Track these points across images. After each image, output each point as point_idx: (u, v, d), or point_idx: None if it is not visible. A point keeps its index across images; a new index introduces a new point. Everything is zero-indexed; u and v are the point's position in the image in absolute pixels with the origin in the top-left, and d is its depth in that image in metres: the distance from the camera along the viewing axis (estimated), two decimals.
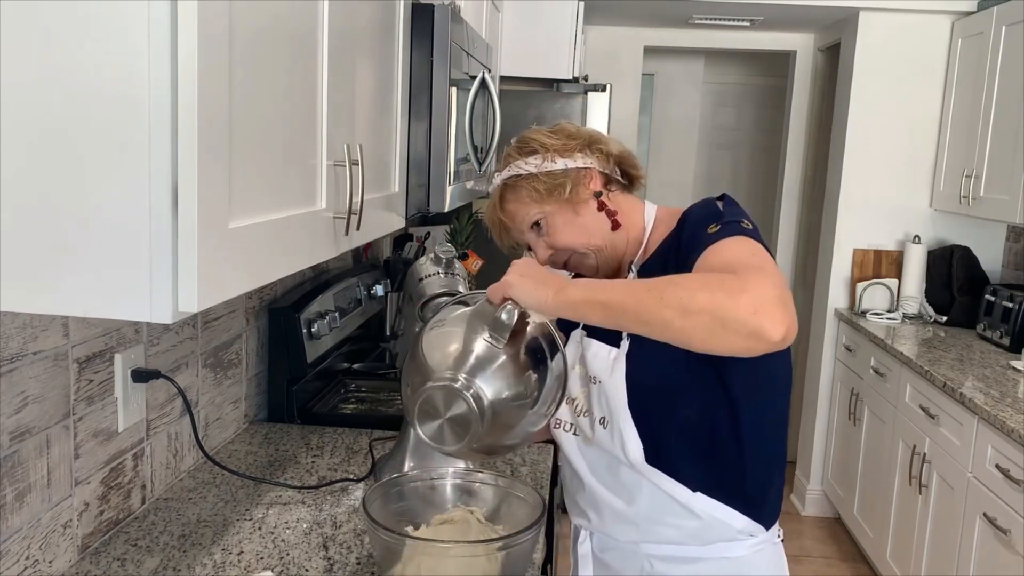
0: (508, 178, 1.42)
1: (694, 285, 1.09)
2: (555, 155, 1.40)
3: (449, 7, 1.75)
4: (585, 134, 1.43)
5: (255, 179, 1.00)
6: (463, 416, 1.18)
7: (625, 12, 4.26)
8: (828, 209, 4.24)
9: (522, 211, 1.42)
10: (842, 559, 3.83)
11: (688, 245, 1.28)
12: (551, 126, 1.47)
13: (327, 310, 2.21)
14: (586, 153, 1.41)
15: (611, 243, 1.42)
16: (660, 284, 1.12)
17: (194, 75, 0.83)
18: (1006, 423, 2.45)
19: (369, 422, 2.09)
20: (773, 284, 1.07)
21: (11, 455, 1.22)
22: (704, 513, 1.34)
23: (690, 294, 1.07)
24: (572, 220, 1.40)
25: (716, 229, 1.25)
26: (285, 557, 1.42)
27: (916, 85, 3.95)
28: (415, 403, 1.20)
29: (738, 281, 1.07)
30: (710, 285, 1.08)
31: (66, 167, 0.85)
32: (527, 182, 1.40)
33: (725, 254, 1.19)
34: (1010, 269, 3.87)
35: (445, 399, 1.18)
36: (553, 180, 1.38)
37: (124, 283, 0.86)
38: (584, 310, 1.18)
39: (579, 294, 1.18)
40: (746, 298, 1.04)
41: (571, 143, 1.41)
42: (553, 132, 1.44)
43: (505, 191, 1.43)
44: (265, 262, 1.04)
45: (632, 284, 1.18)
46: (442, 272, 1.65)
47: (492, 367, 1.21)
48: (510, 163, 1.43)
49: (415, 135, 1.74)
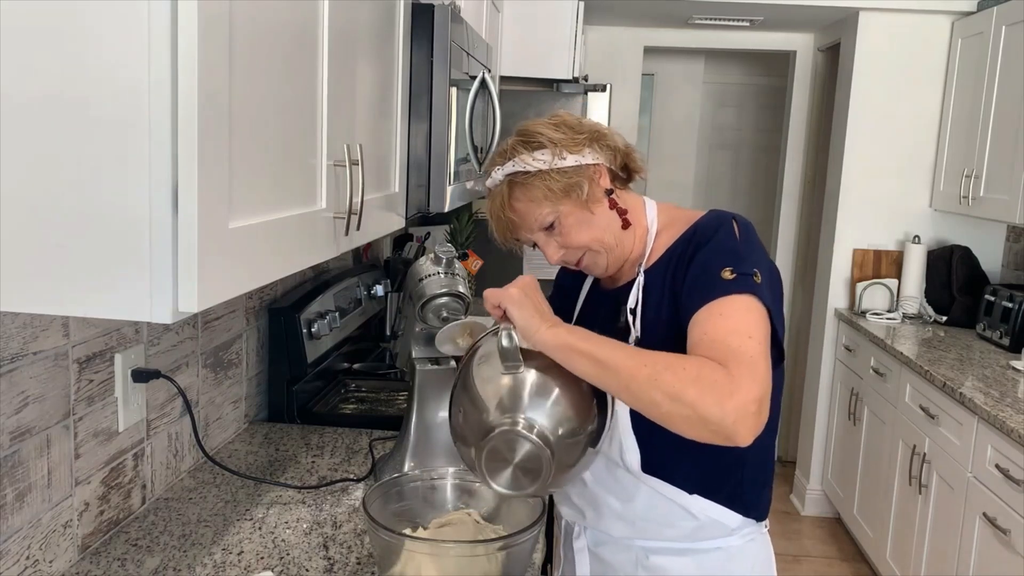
0: (515, 174, 1.36)
1: (688, 376, 1.12)
2: (563, 150, 1.34)
3: (449, 7, 1.75)
4: (588, 127, 1.39)
5: (255, 179, 1.00)
6: (531, 455, 1.16)
7: (625, 12, 4.26)
8: (828, 209, 4.24)
9: (535, 211, 1.36)
10: (842, 559, 3.83)
11: (699, 278, 1.26)
12: (550, 117, 1.41)
13: (327, 310, 2.21)
14: (594, 148, 1.37)
15: (621, 241, 1.39)
16: (658, 364, 1.14)
17: (194, 75, 0.83)
18: (1006, 423, 2.45)
19: (369, 422, 2.09)
20: (759, 384, 1.13)
21: (11, 455, 1.22)
22: (701, 514, 1.36)
23: (683, 386, 1.11)
24: (587, 219, 1.36)
25: (731, 277, 1.23)
26: (285, 557, 1.42)
27: (916, 85, 3.95)
28: (480, 461, 1.18)
29: (729, 384, 1.11)
30: (703, 382, 1.11)
31: (66, 167, 0.85)
32: (540, 180, 1.34)
33: (729, 325, 1.19)
34: (1010, 269, 3.87)
35: (508, 446, 1.16)
36: (567, 179, 1.33)
37: (124, 283, 0.86)
38: (572, 356, 1.18)
39: (573, 339, 1.18)
40: (731, 405, 1.10)
41: (578, 137, 1.36)
42: (556, 125, 1.38)
43: (513, 188, 1.37)
44: (265, 262, 1.04)
45: (629, 351, 1.18)
46: (442, 272, 1.65)
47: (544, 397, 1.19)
48: (514, 157, 1.36)
49: (415, 135, 1.74)
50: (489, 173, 1.40)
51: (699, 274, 1.27)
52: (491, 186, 1.40)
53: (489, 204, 1.41)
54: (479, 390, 1.22)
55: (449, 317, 1.60)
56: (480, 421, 1.19)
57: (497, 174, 1.38)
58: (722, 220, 1.34)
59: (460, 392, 1.25)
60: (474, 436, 1.20)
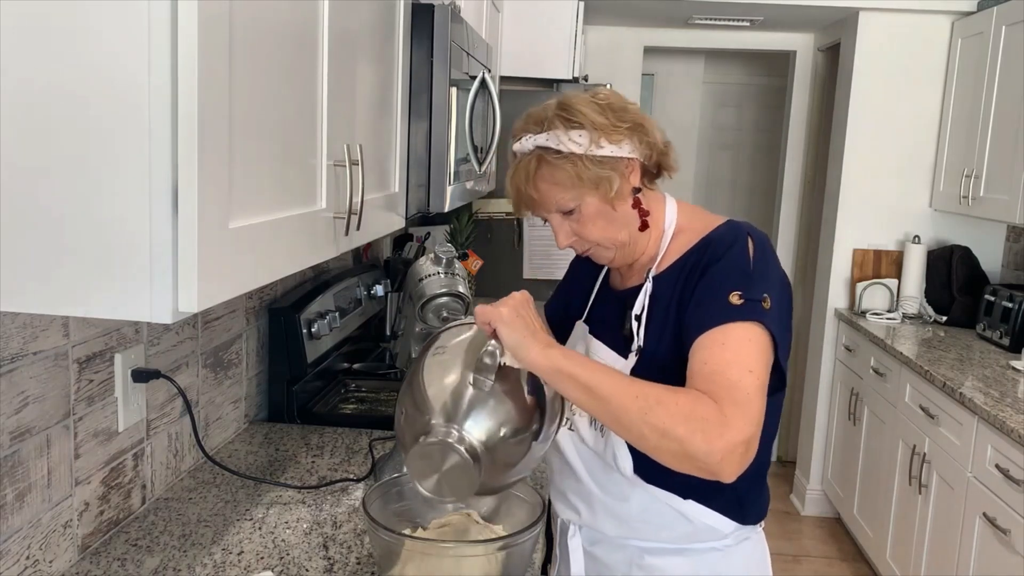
0: (547, 150, 1.28)
1: (680, 413, 1.12)
2: (602, 137, 1.27)
3: (449, 7, 1.75)
4: (632, 115, 1.31)
5: (255, 179, 1.00)
6: (458, 468, 1.15)
7: (625, 12, 4.26)
8: (828, 209, 4.24)
9: (558, 195, 1.30)
10: (842, 559, 3.83)
11: (706, 298, 1.24)
12: (595, 94, 1.32)
13: (327, 310, 2.21)
14: (632, 140, 1.30)
15: (635, 241, 1.36)
16: (650, 397, 1.13)
17: (194, 75, 0.83)
18: (1006, 423, 2.45)
19: (369, 422, 2.09)
20: (750, 424, 1.13)
21: (11, 455, 1.22)
22: (695, 519, 1.35)
23: (673, 423, 1.11)
24: (607, 214, 1.31)
25: (738, 303, 1.20)
26: (285, 557, 1.42)
27: (916, 85, 3.95)
28: (410, 463, 1.17)
29: (720, 424, 1.11)
30: (694, 420, 1.11)
31: (66, 167, 0.85)
32: (571, 165, 1.27)
33: (729, 356, 1.17)
34: (1010, 269, 3.87)
35: (439, 454, 1.15)
36: (599, 170, 1.27)
37: (124, 283, 0.86)
38: (562, 380, 1.16)
39: (566, 364, 1.16)
40: (720, 444, 1.10)
41: (620, 126, 1.28)
42: (601, 107, 1.29)
43: (541, 165, 1.29)
44: (265, 262, 1.04)
45: (622, 381, 1.16)
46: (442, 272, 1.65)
47: (486, 408, 1.18)
48: (550, 130, 1.28)
49: (415, 135, 1.74)
50: (519, 136, 1.33)
51: (706, 294, 1.24)
52: (518, 151, 1.33)
53: (512, 172, 1.34)
54: (426, 387, 1.21)
55: (449, 317, 1.60)
56: (418, 419, 1.19)
57: (527, 142, 1.30)
58: (736, 236, 1.30)
59: (409, 383, 1.24)
60: (411, 433, 1.19)
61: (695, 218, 1.39)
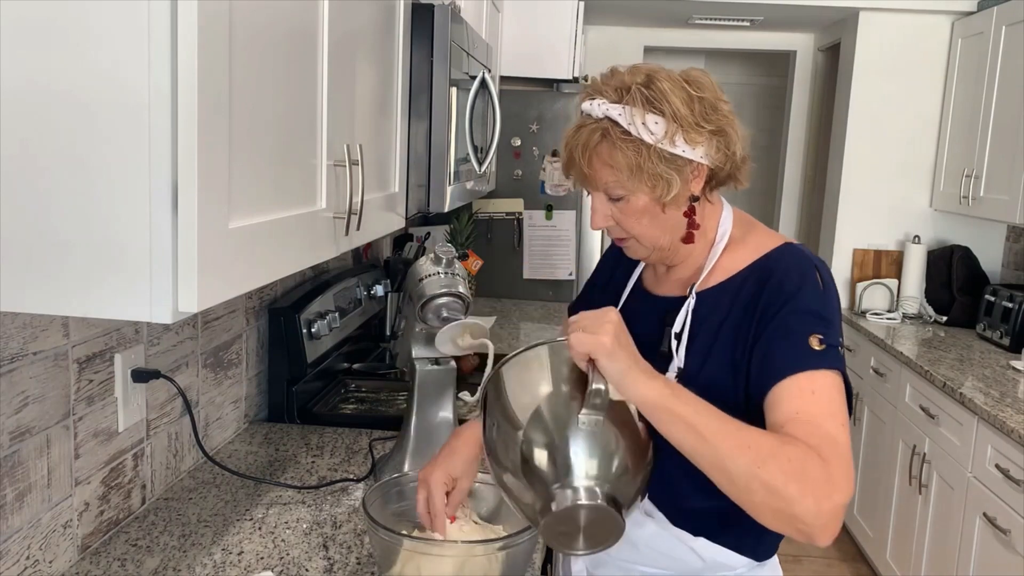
0: (616, 125, 1.16)
1: (792, 470, 1.03)
2: (679, 133, 1.15)
3: (449, 7, 1.75)
4: (720, 117, 1.19)
5: (255, 179, 1.00)
6: (599, 520, 1.04)
7: (625, 12, 4.26)
8: (828, 209, 4.24)
9: (609, 177, 1.19)
10: (842, 559, 3.83)
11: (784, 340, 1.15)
12: (691, 80, 1.18)
13: (327, 310, 2.21)
14: (710, 145, 1.18)
15: (674, 249, 1.26)
16: (762, 448, 1.04)
17: (194, 75, 0.83)
18: (1006, 423, 2.45)
19: (369, 422, 2.09)
20: (851, 483, 1.07)
21: (11, 455, 1.22)
22: (707, 557, 1.28)
23: (786, 480, 1.02)
24: (654, 215, 1.21)
25: (820, 348, 1.12)
26: (285, 557, 1.42)
27: (916, 85, 3.95)
28: (547, 536, 1.05)
29: (828, 484, 1.04)
30: (806, 479, 1.03)
31: (66, 167, 0.85)
32: (635, 152, 1.15)
33: (823, 406, 1.10)
34: (1010, 269, 3.87)
35: (574, 518, 1.04)
36: (663, 168, 1.16)
37: (124, 283, 0.86)
38: (669, 419, 1.05)
39: (674, 402, 1.05)
40: (827, 507, 1.03)
41: (703, 127, 1.17)
42: (690, 97, 1.17)
43: (603, 140, 1.17)
44: (265, 262, 1.04)
45: (728, 424, 1.05)
46: (442, 272, 1.64)
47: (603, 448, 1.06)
48: (628, 105, 1.15)
49: (415, 135, 1.74)
50: (593, 95, 1.19)
51: (784, 335, 1.15)
52: (586, 112, 1.20)
53: (572, 133, 1.22)
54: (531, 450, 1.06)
55: (449, 317, 1.60)
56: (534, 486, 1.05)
57: (599, 107, 1.17)
58: (805, 270, 1.20)
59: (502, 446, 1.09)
60: (531, 503, 1.07)
61: (750, 232, 1.30)
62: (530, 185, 3.55)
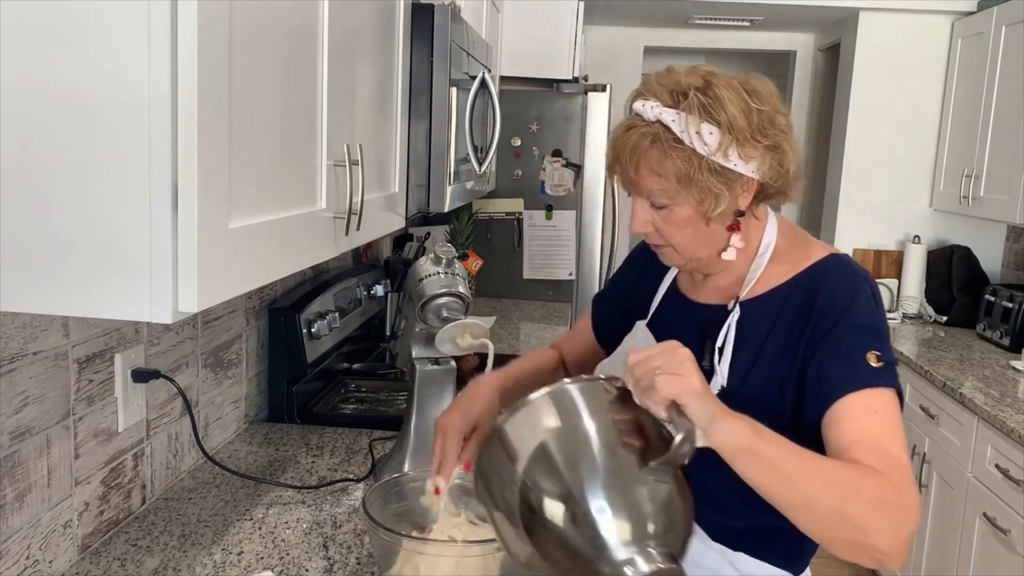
0: (669, 130, 1.11)
1: (871, 502, 1.00)
2: (733, 146, 1.10)
3: (449, 7, 1.75)
4: (777, 133, 1.15)
5: (255, 179, 1.00)
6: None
7: (625, 12, 4.27)
8: (828, 209, 4.24)
9: (655, 185, 1.14)
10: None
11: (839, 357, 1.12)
12: (751, 89, 1.14)
13: (327, 310, 2.21)
14: (764, 160, 1.14)
15: (712, 261, 1.22)
16: (845, 483, 1.00)
17: (194, 75, 0.83)
18: (1006, 423, 2.45)
19: (369, 422, 2.09)
20: (919, 506, 1.05)
21: (11, 455, 1.22)
22: (745, 570, 1.25)
23: (866, 515, 0.99)
24: (696, 227, 1.17)
25: (878, 366, 1.10)
26: (285, 557, 1.42)
27: (916, 85, 3.95)
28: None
29: (903, 512, 1.01)
30: (884, 510, 1.00)
31: (66, 167, 0.85)
32: (684, 162, 1.10)
33: (886, 428, 1.08)
34: (1010, 269, 3.87)
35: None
36: (713, 181, 1.11)
37: (124, 283, 0.86)
38: (750, 460, 0.97)
39: (758, 443, 0.97)
40: (903, 536, 1.01)
41: (759, 142, 1.12)
42: (748, 108, 1.11)
43: (654, 145, 1.12)
44: (265, 262, 1.04)
45: (805, 459, 1.00)
46: (442, 272, 1.64)
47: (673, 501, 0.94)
48: (684, 112, 1.11)
49: (415, 135, 1.74)
50: (647, 95, 1.14)
51: (840, 352, 1.12)
52: (637, 112, 1.15)
53: (620, 132, 1.16)
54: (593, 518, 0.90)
55: (449, 317, 1.60)
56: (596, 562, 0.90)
57: (652, 109, 1.12)
58: (856, 284, 1.17)
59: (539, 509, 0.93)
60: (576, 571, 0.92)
61: (794, 243, 1.26)
62: (530, 185, 3.55)
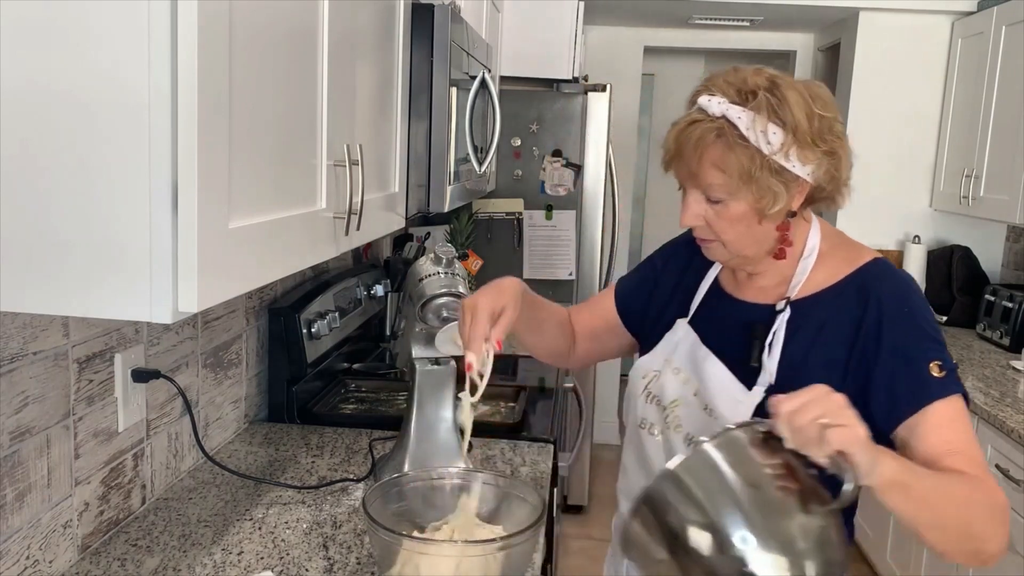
0: (735, 127, 1.12)
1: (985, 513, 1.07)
2: (794, 147, 1.13)
3: (449, 7, 1.75)
4: (834, 138, 1.18)
5: (255, 179, 1.00)
6: None
7: (625, 12, 4.27)
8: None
9: (716, 179, 1.15)
10: None
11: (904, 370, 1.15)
12: (813, 94, 1.15)
13: (327, 310, 2.21)
14: (819, 164, 1.16)
15: (756, 258, 1.24)
16: (970, 503, 1.07)
17: (194, 75, 0.83)
18: (1006, 423, 2.45)
19: (369, 422, 2.09)
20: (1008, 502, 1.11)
21: (11, 455, 1.22)
22: None
23: (983, 524, 1.07)
24: (748, 224, 1.18)
25: (942, 375, 1.14)
26: (285, 557, 1.42)
27: (916, 85, 3.95)
28: None
29: (1004, 514, 1.08)
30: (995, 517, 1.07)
31: (66, 167, 0.85)
32: (747, 158, 1.12)
33: (968, 435, 1.13)
34: (1010, 269, 3.87)
35: None
36: (773, 181, 1.14)
37: (124, 283, 0.86)
38: (899, 493, 1.02)
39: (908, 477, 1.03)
40: (1005, 540, 1.07)
41: (820, 145, 1.15)
42: (811, 112, 1.14)
43: (719, 139, 1.13)
44: (265, 262, 1.04)
45: (940, 482, 1.06)
46: (442, 272, 1.64)
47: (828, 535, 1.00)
48: (752, 111, 1.12)
49: (415, 135, 1.74)
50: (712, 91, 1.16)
51: (902, 365, 1.15)
52: (701, 106, 1.15)
53: (684, 127, 1.17)
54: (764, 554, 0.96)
55: (449, 317, 1.60)
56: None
57: (719, 105, 1.13)
58: (907, 290, 1.21)
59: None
60: None
61: (839, 246, 1.29)
62: (530, 185, 3.55)
